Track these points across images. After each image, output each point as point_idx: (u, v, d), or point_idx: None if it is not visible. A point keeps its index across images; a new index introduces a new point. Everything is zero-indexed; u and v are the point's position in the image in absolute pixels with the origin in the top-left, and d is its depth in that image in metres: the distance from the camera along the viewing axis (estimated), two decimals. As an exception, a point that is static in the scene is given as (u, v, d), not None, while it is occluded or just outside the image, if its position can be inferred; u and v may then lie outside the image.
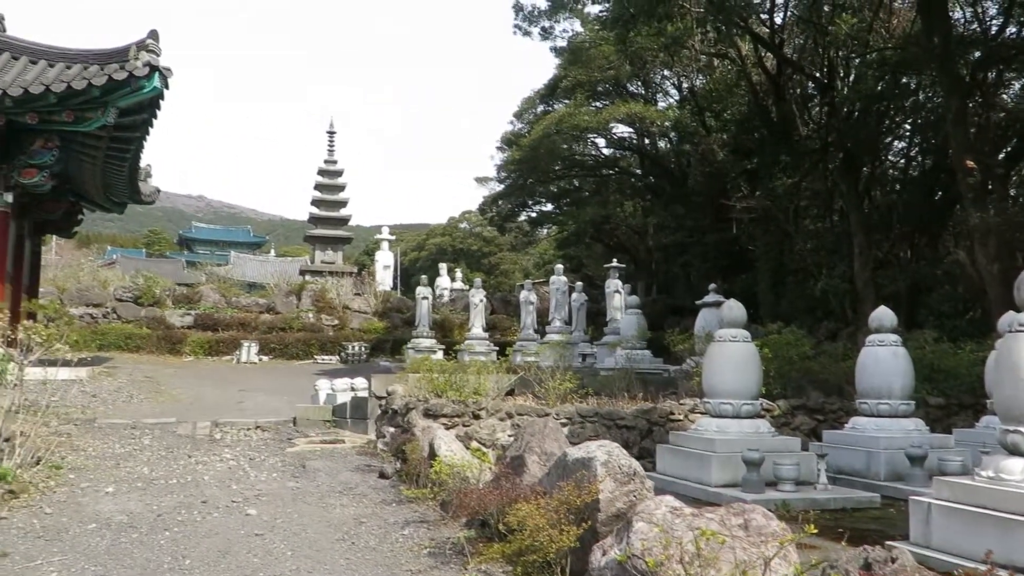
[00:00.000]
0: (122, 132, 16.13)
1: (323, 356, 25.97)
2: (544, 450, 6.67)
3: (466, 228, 68.02)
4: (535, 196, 35.60)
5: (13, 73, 15.73)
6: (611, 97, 31.86)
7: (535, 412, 10.52)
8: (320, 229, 40.17)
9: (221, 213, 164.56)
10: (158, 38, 15.14)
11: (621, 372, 14.85)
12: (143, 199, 21.11)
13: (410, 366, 14.35)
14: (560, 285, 22.44)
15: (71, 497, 7.83)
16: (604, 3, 21.64)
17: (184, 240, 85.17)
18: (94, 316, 25.97)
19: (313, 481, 8.86)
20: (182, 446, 10.74)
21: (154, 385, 16.67)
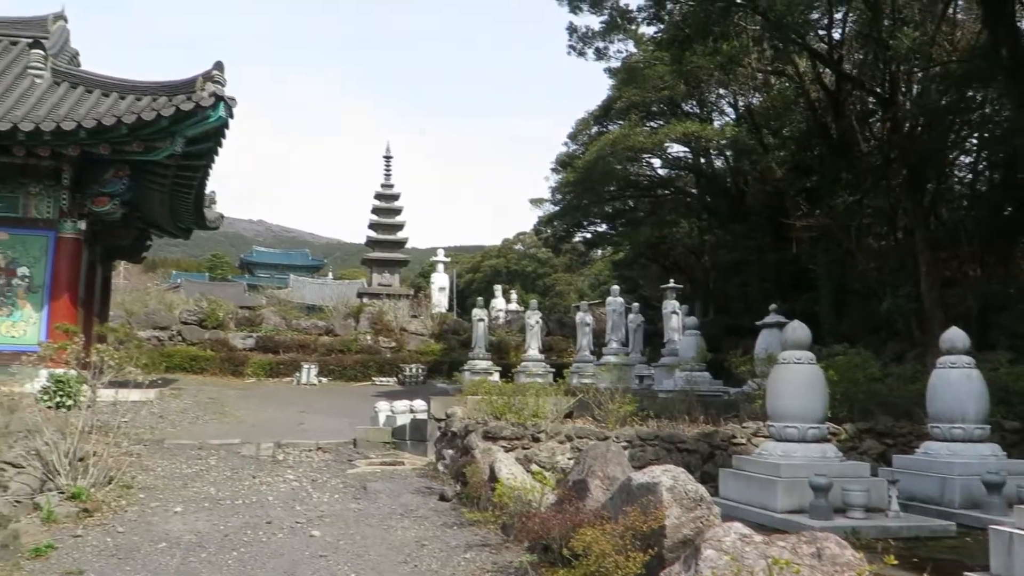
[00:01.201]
0: (189, 160, 16.63)
1: (381, 378, 26.22)
2: (607, 474, 6.62)
3: (521, 250, 68.24)
4: (590, 217, 35.55)
5: (87, 106, 16.38)
6: (666, 117, 31.75)
7: (595, 435, 10.45)
8: (377, 252, 40.68)
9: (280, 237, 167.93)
10: (223, 69, 15.60)
11: (680, 394, 14.70)
12: (208, 225, 21.70)
13: (468, 388, 14.38)
14: (616, 306, 22.33)
15: (142, 516, 8.01)
16: (659, 24, 21.62)
17: (245, 264, 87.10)
18: (160, 339, 26.67)
19: (375, 503, 8.92)
20: (246, 467, 10.91)
21: (218, 406, 17.00)
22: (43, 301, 16.44)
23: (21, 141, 15.03)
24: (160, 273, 62.21)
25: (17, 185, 16.56)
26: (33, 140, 15.04)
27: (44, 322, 16.30)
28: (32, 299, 16.46)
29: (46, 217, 16.63)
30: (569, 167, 32.84)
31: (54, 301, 16.39)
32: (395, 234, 41.29)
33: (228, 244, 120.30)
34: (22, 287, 16.48)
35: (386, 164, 42.22)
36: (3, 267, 16.45)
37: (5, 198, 16.55)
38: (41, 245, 16.66)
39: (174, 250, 78.32)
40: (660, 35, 21.95)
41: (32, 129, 14.78)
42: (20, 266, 16.51)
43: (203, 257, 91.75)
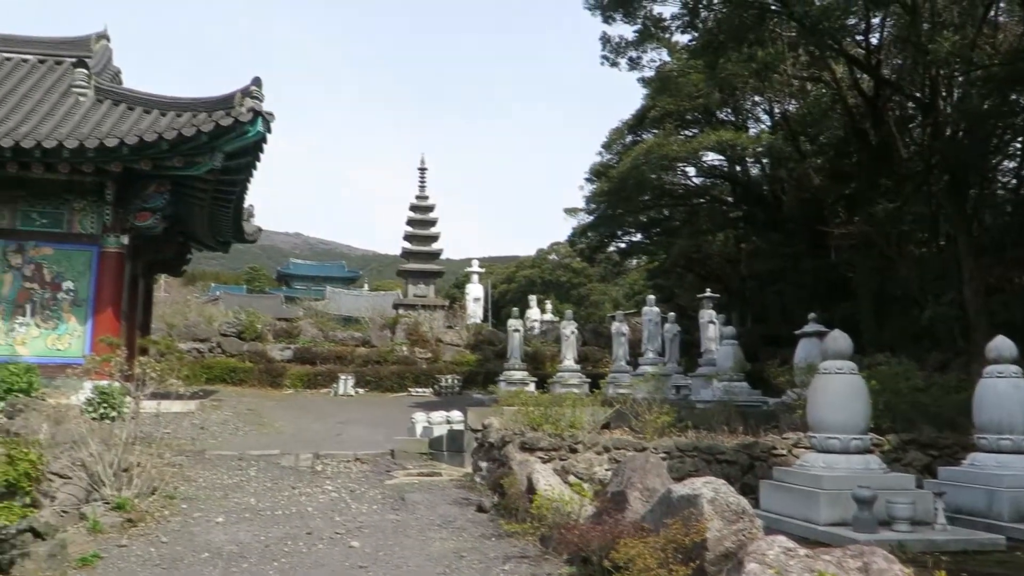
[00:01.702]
0: (228, 175, 16.89)
1: (417, 389, 26.31)
2: (646, 486, 6.57)
3: (555, 260, 68.16)
4: (624, 226, 35.41)
5: (129, 123, 16.73)
6: (700, 125, 31.57)
7: (632, 446, 10.39)
8: (412, 263, 40.93)
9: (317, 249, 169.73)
10: (261, 85, 15.84)
11: (719, 405, 14.56)
12: (246, 238, 22.01)
13: (505, 399, 14.38)
14: (652, 316, 22.19)
15: (184, 526, 8.11)
16: (692, 32, 21.54)
17: (282, 276, 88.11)
18: (200, 351, 27.03)
19: (413, 514, 8.94)
20: (286, 477, 11.01)
21: (257, 417, 17.18)
22: (87, 314, 16.77)
23: (66, 158, 15.38)
24: (199, 286, 63.11)
25: (62, 201, 16.94)
26: (77, 157, 15.38)
27: (88, 335, 16.62)
28: (77, 312, 16.80)
29: (90, 232, 16.97)
30: (603, 177, 32.77)
31: (98, 314, 16.71)
32: (430, 245, 41.53)
33: (265, 257, 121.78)
34: (67, 301, 16.83)
35: (421, 176, 42.54)
36: (49, 281, 16.81)
37: (50, 214, 16.93)
38: (85, 260, 17.01)
39: (213, 263, 79.46)
40: (694, 43, 21.86)
41: (76, 146, 15.12)
42: (65, 280, 16.86)
43: (241, 270, 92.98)
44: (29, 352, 16.16)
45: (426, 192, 42.41)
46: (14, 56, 20.23)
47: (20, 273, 16.71)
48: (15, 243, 16.76)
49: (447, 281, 62.49)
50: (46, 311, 16.72)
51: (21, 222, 16.83)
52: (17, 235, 16.78)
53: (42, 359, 15.89)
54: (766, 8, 19.57)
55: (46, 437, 10.28)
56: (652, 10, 22.94)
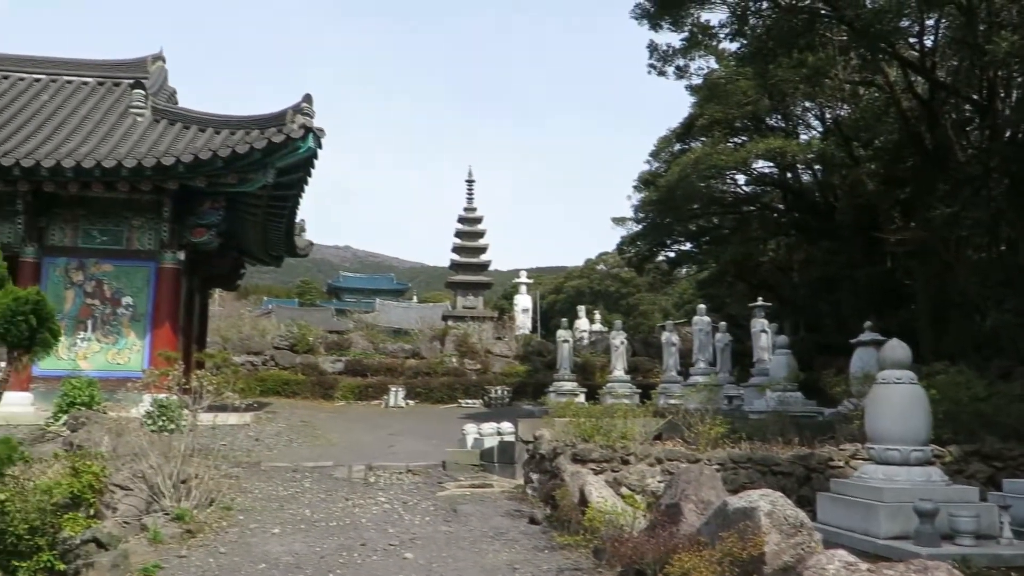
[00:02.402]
0: (280, 191, 17.21)
1: (467, 400, 26.38)
2: (701, 498, 6.49)
3: (603, 270, 67.89)
4: (673, 235, 35.08)
5: (184, 141, 17.17)
6: (749, 132, 31.16)
7: (685, 457, 10.27)
8: (461, 275, 41.13)
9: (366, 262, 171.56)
10: (312, 101, 16.12)
11: (773, 415, 14.32)
12: (298, 252, 22.38)
13: (554, 410, 14.35)
14: (703, 325, 21.95)
15: (241, 537, 8.24)
16: (741, 39, 21.31)
17: (333, 289, 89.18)
18: (254, 364, 27.50)
19: (465, 525, 8.96)
20: (339, 489, 11.12)
21: (310, 429, 17.39)
22: (146, 329, 17.19)
23: (124, 177, 15.84)
24: (252, 300, 64.20)
25: (121, 219, 17.43)
26: (136, 176, 15.83)
27: (147, 349, 17.04)
28: (136, 327, 17.24)
29: (148, 249, 17.43)
30: (651, 185, 32.55)
31: (156, 329, 17.13)
32: (478, 257, 41.70)
33: (316, 270, 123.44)
34: (126, 316, 17.28)
35: (468, 188, 42.79)
36: (109, 297, 17.28)
37: (110, 231, 17.43)
38: (143, 276, 17.46)
39: (265, 277, 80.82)
40: (742, 50, 21.63)
41: (135, 165, 15.56)
42: (124, 296, 17.32)
43: (293, 283, 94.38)
44: (91, 366, 16.61)
45: (474, 204, 42.65)
46: (75, 79, 20.93)
47: (82, 290, 17.22)
48: (76, 260, 17.28)
49: (495, 292, 62.65)
50: (106, 326, 17.19)
51: (82, 240, 17.35)
52: (78, 253, 17.31)
53: (103, 373, 16.32)
54: (816, 13, 19.29)
55: (107, 449, 10.53)
56: (699, 17, 22.79)
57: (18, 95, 19.75)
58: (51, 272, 17.12)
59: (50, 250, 17.14)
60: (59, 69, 21.22)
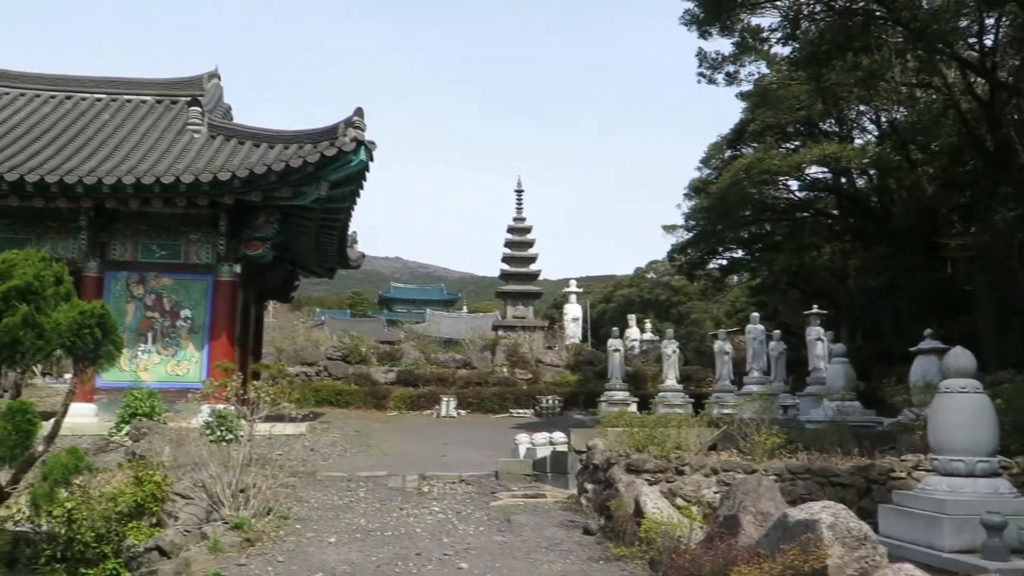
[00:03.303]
0: (333, 203, 17.45)
1: (518, 410, 26.36)
2: (759, 510, 6.38)
3: (653, 278, 67.40)
4: (725, 243, 34.69)
5: (240, 157, 17.52)
6: (802, 137, 30.71)
7: (742, 468, 10.10)
8: (511, 285, 41.15)
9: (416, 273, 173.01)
10: (363, 115, 16.34)
11: (831, 425, 14.02)
12: (351, 264, 22.67)
13: (607, 419, 14.26)
14: (757, 334, 21.62)
15: (298, 546, 8.34)
16: (793, 43, 21.00)
17: (384, 300, 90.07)
18: (308, 374, 27.87)
19: (519, 536, 8.93)
20: (393, 498, 11.19)
21: (364, 439, 17.54)
22: (204, 341, 17.55)
23: (182, 192, 16.21)
24: (306, 311, 65.14)
25: (179, 234, 17.84)
26: (193, 191, 16.19)
27: (205, 361, 17.38)
28: (194, 339, 17.61)
29: (205, 262, 17.80)
30: (702, 193, 32.25)
31: (213, 341, 17.47)
32: (528, 267, 41.68)
33: (367, 281, 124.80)
34: (185, 328, 17.66)
35: (518, 198, 42.82)
36: (168, 310, 17.69)
37: (169, 246, 17.85)
38: (201, 288, 17.83)
39: (317, 288, 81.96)
40: (795, 54, 21.32)
41: (192, 181, 15.93)
42: (183, 309, 17.71)
43: (344, 294, 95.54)
44: (151, 378, 17.00)
45: (523, 214, 42.67)
46: (135, 98, 21.53)
47: (142, 303, 17.65)
48: (137, 274, 17.73)
49: (545, 302, 62.60)
50: (166, 338, 17.59)
51: (142, 254, 17.80)
52: (138, 267, 17.76)
53: (163, 384, 16.70)
54: (871, 15, 18.92)
55: (168, 459, 10.77)
56: (749, 22, 22.51)
57: (80, 114, 20.39)
58: (113, 286, 17.58)
59: (112, 264, 17.61)
60: (119, 89, 21.86)
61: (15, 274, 5.69)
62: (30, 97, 21.11)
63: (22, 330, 5.56)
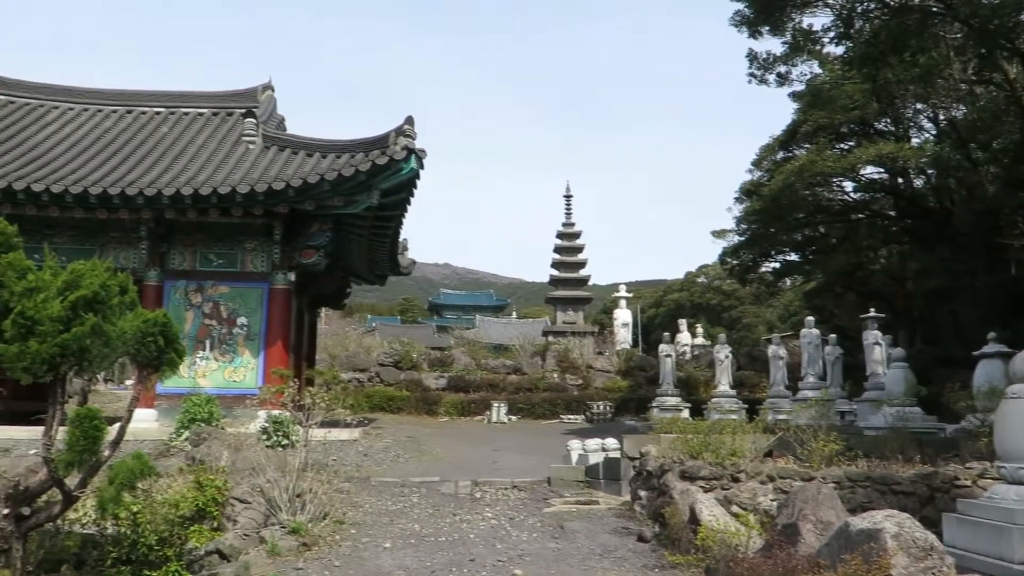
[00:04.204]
0: (384, 211, 17.66)
1: (568, 415, 26.28)
2: (819, 518, 6.26)
3: (704, 282, 66.72)
4: (778, 246, 34.12)
5: (293, 167, 17.83)
6: (857, 138, 30.09)
7: (799, 475, 9.93)
8: (560, 290, 41.09)
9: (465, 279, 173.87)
10: (413, 123, 16.49)
11: (890, 432, 13.72)
12: (401, 271, 22.88)
13: (660, 426, 14.14)
14: (812, 338, 21.24)
15: (354, 551, 8.43)
16: (846, 42, 20.60)
17: (434, 306, 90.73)
18: (360, 380, 28.17)
19: (573, 542, 8.90)
20: (446, 504, 11.24)
21: (416, 444, 17.66)
22: (260, 348, 17.86)
23: (238, 202, 16.55)
24: (357, 318, 65.89)
25: (236, 243, 18.20)
26: (248, 201, 16.51)
27: (261, 367, 17.69)
28: (250, 346, 17.93)
29: (260, 271, 18.13)
30: (754, 195, 31.78)
31: (269, 347, 17.77)
32: (577, 272, 41.58)
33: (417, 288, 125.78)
34: (241, 335, 18.00)
35: (567, 203, 42.77)
36: (225, 318, 18.05)
37: (225, 255, 18.22)
38: (257, 296, 18.16)
39: (368, 295, 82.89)
40: (848, 54, 20.91)
41: (248, 191, 16.25)
42: (239, 316, 18.05)
43: (395, 301, 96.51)
44: (209, 384, 17.36)
45: (572, 219, 42.61)
46: (192, 111, 22.06)
47: (200, 311, 18.04)
48: (195, 283, 18.13)
49: (594, 307, 62.34)
50: (223, 345, 17.94)
51: (200, 263, 18.20)
52: (197, 275, 18.16)
53: (220, 390, 17.04)
54: (928, 12, 18.49)
55: (227, 464, 10.98)
56: (801, 22, 22.17)
57: (141, 128, 20.96)
58: (172, 295, 18.01)
59: (171, 274, 18.04)
60: (177, 102, 22.42)
61: (83, 284, 5.87)
62: (93, 112, 21.77)
63: (90, 338, 5.73)
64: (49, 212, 16.38)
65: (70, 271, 6.04)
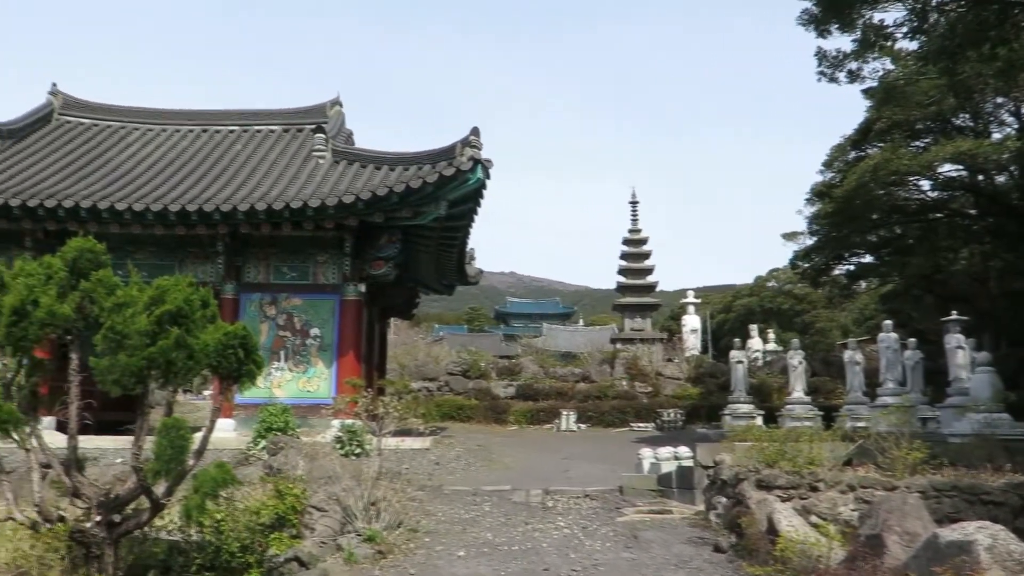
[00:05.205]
0: (451, 222, 17.84)
1: (638, 423, 26.06)
2: (905, 529, 6.06)
3: (774, 286, 65.32)
4: (851, 248, 33.23)
5: (362, 180, 18.15)
6: (933, 135, 29.14)
7: (881, 485, 9.62)
8: (628, 297, 40.77)
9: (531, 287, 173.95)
10: (479, 134, 16.63)
11: (977, 439, 13.22)
12: (469, 280, 23.06)
13: (734, 434, 13.88)
14: (890, 342, 20.62)
15: (429, 559, 8.49)
16: (920, 37, 19.97)
17: (500, 315, 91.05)
18: (429, 389, 28.45)
19: (647, 552, 8.80)
20: (518, 513, 11.23)
21: (486, 453, 17.72)
22: (332, 358, 18.20)
23: (310, 216, 16.93)
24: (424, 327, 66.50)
25: (307, 256, 18.61)
26: (320, 214, 16.88)
27: (333, 377, 18.03)
28: (323, 357, 18.29)
29: (332, 283, 18.49)
30: (826, 197, 31.02)
31: (341, 358, 18.10)
32: (644, 278, 41.21)
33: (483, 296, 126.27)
34: (314, 346, 18.37)
35: (632, 209, 42.45)
36: (299, 329, 18.45)
37: (298, 267, 18.64)
38: (329, 308, 18.53)
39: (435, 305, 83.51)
40: (923, 49, 20.26)
41: (319, 205, 16.61)
42: (312, 327, 18.44)
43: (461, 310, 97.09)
44: (284, 394, 17.75)
45: (638, 225, 42.27)
46: (264, 128, 22.69)
47: (274, 322, 18.48)
48: (270, 295, 18.59)
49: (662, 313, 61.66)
50: (297, 356, 18.34)
51: (274, 276, 18.66)
52: (271, 288, 18.62)
53: (295, 400, 17.41)
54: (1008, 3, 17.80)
55: (303, 472, 11.18)
56: (871, 18, 21.56)
57: (216, 146, 21.63)
58: (248, 307, 18.50)
59: (246, 287, 18.54)
60: (249, 120, 23.09)
61: (167, 299, 6.07)
62: (171, 132, 22.56)
63: (174, 351, 5.92)
64: (131, 230, 17.02)
65: (155, 286, 6.26)
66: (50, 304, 6.17)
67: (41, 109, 22.51)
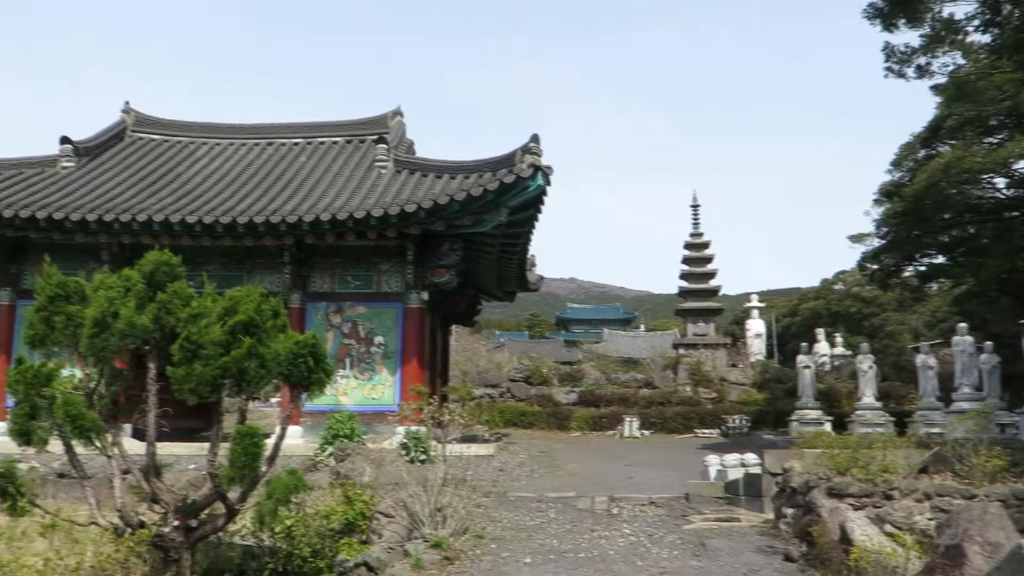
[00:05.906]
0: (512, 229, 17.90)
1: (703, 430, 25.74)
2: (987, 539, 5.87)
3: (841, 289, 63.80)
4: (922, 249, 32.28)
5: (424, 189, 18.35)
6: (1008, 130, 28.13)
7: (959, 493, 9.33)
8: (690, 302, 40.40)
9: (591, 293, 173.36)
10: (539, 141, 16.67)
11: (1060, 445, 12.69)
12: (529, 287, 23.12)
13: (803, 440, 13.62)
14: (965, 346, 19.98)
15: (495, 566, 8.51)
16: (993, 30, 19.35)
17: (561, 321, 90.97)
18: (492, 396, 28.58)
19: (715, 561, 8.68)
20: (583, 520, 11.19)
21: (549, 459, 17.70)
22: (396, 366, 18.42)
23: (373, 225, 17.18)
24: (485, 334, 66.77)
25: (371, 264, 18.88)
26: (382, 224, 17.12)
27: (398, 384, 18.23)
28: (387, 364, 18.51)
29: (395, 291, 18.73)
30: (895, 196, 30.21)
31: (405, 365, 18.30)
32: (707, 283, 40.79)
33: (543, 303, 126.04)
34: (379, 354, 18.61)
35: (694, 213, 42.13)
36: (363, 337, 18.72)
37: (362, 276, 18.92)
38: (392, 316, 18.76)
39: (495, 312, 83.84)
40: (996, 42, 19.64)
41: (381, 215, 16.84)
42: (376, 335, 18.69)
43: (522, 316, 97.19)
44: (349, 401, 18.04)
45: (700, 229, 41.89)
46: (327, 140, 23.14)
47: (340, 331, 18.78)
48: (335, 304, 18.91)
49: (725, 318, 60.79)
50: (362, 364, 18.60)
51: (338, 285, 18.98)
52: (336, 297, 18.94)
53: (360, 407, 17.67)
54: (1085, -9, 17.17)
55: (369, 478, 11.36)
56: (940, 12, 21.00)
57: (281, 159, 22.12)
58: (314, 316, 18.84)
59: (312, 296, 18.89)
60: (313, 132, 23.57)
61: (240, 309, 6.24)
62: (238, 146, 23.16)
63: (247, 360, 6.08)
64: (202, 242, 17.49)
65: (228, 297, 6.44)
66: (129, 316, 6.39)
67: (115, 127, 23.32)
